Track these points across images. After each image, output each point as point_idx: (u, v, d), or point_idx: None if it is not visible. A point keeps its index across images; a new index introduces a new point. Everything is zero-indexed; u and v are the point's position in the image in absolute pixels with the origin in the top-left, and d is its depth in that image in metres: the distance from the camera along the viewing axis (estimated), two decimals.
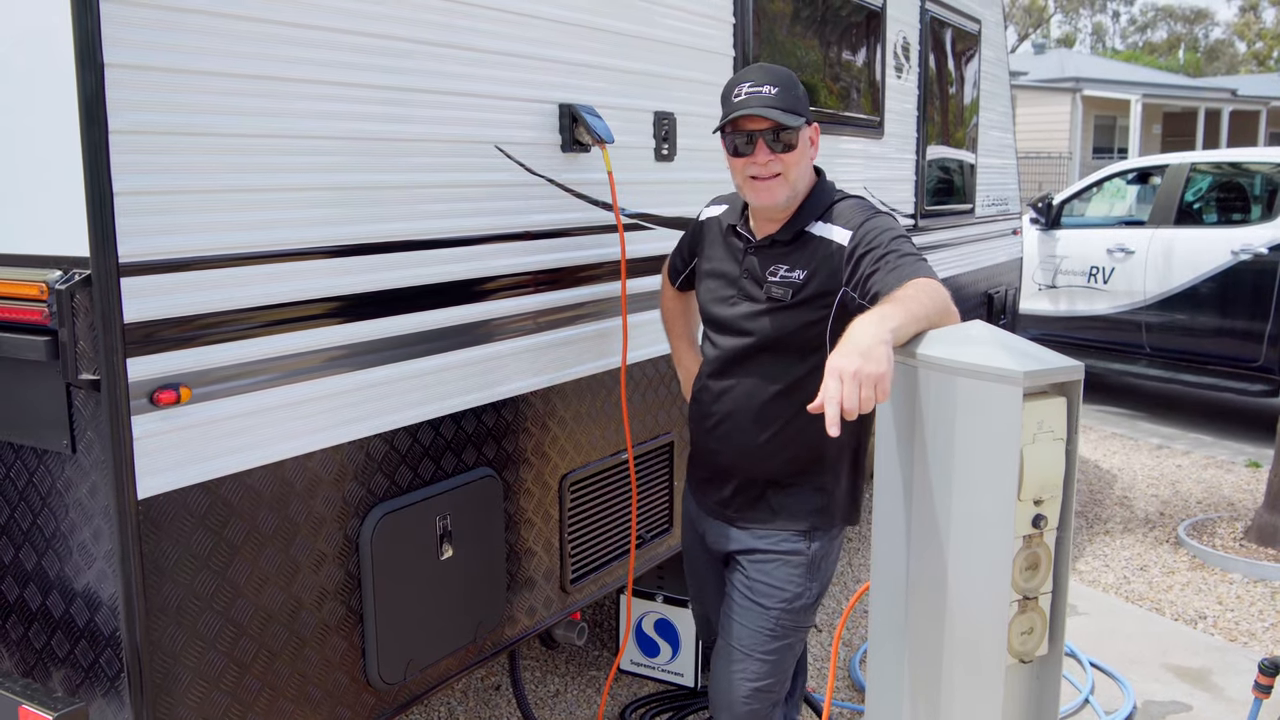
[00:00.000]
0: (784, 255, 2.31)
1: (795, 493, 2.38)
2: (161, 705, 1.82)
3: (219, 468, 1.88)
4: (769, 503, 2.39)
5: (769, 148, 2.23)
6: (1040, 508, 1.83)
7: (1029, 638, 1.88)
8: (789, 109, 2.23)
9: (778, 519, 2.39)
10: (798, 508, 2.38)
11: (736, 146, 2.27)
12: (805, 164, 2.31)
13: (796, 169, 2.27)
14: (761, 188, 2.27)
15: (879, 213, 2.30)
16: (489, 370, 2.47)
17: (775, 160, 2.24)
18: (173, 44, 1.74)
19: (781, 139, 2.23)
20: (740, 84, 2.26)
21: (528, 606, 2.69)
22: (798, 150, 2.26)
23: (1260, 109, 26.91)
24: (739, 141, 2.26)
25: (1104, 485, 6.42)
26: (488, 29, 2.40)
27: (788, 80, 2.27)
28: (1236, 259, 7.11)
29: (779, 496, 2.39)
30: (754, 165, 2.25)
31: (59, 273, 1.71)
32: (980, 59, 5.78)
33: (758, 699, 2.39)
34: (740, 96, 2.24)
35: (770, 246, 2.33)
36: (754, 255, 2.35)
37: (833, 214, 2.30)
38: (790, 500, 2.38)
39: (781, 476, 2.38)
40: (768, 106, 2.20)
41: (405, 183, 2.22)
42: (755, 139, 2.23)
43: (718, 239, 2.47)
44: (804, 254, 2.29)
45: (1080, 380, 1.83)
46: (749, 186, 2.29)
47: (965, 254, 5.66)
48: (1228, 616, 4.52)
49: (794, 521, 2.38)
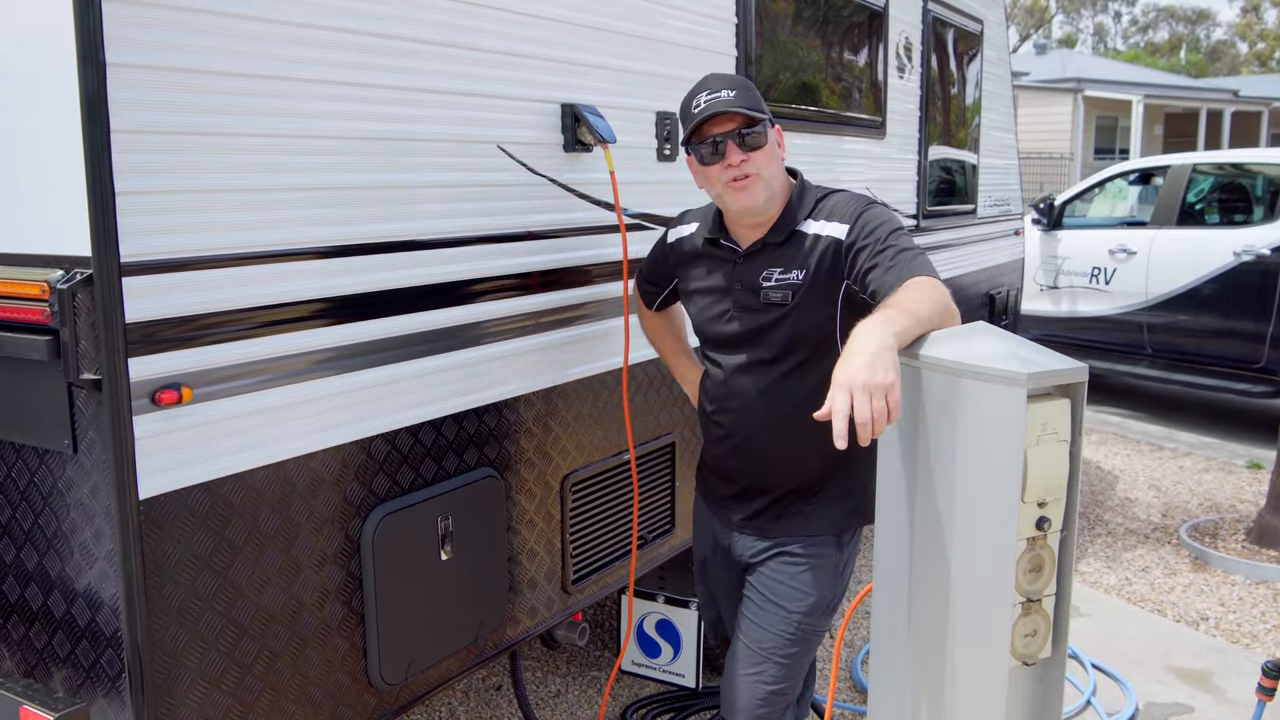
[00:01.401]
0: (777, 258, 2.27)
1: (828, 498, 2.35)
2: (163, 705, 1.82)
3: (220, 468, 1.87)
4: (801, 511, 2.35)
5: (738, 149, 2.20)
6: (1044, 510, 1.82)
7: (1032, 640, 1.88)
8: (751, 107, 2.21)
9: (811, 524, 2.35)
10: (832, 511, 2.35)
11: (703, 155, 2.24)
12: (776, 164, 2.28)
13: (769, 168, 2.24)
14: (739, 188, 2.22)
15: (873, 203, 2.27)
16: (491, 370, 2.47)
17: (747, 160, 2.21)
18: (175, 43, 1.74)
19: (748, 140, 2.20)
20: (697, 94, 2.24)
21: (529, 607, 2.69)
22: (766, 149, 2.23)
23: (1262, 110, 26.89)
24: (705, 151, 2.23)
25: (1105, 487, 6.41)
26: (490, 29, 2.39)
27: (742, 84, 2.25)
28: (1238, 260, 7.11)
29: (811, 504, 2.35)
30: (728, 169, 2.21)
31: (60, 272, 1.71)
32: (982, 59, 5.78)
33: (771, 702, 2.36)
34: (700, 105, 2.21)
35: (761, 251, 2.29)
36: (743, 264, 2.31)
37: (823, 209, 2.27)
38: (822, 506, 2.35)
39: (812, 484, 2.34)
40: (730, 106, 2.18)
41: (408, 182, 2.22)
42: (723, 144, 2.20)
43: (697, 256, 2.42)
44: (799, 254, 2.25)
45: (1084, 382, 1.83)
46: (727, 191, 2.24)
47: (967, 254, 5.65)
48: (1230, 618, 4.52)
49: (829, 526, 2.35)
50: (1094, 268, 8.06)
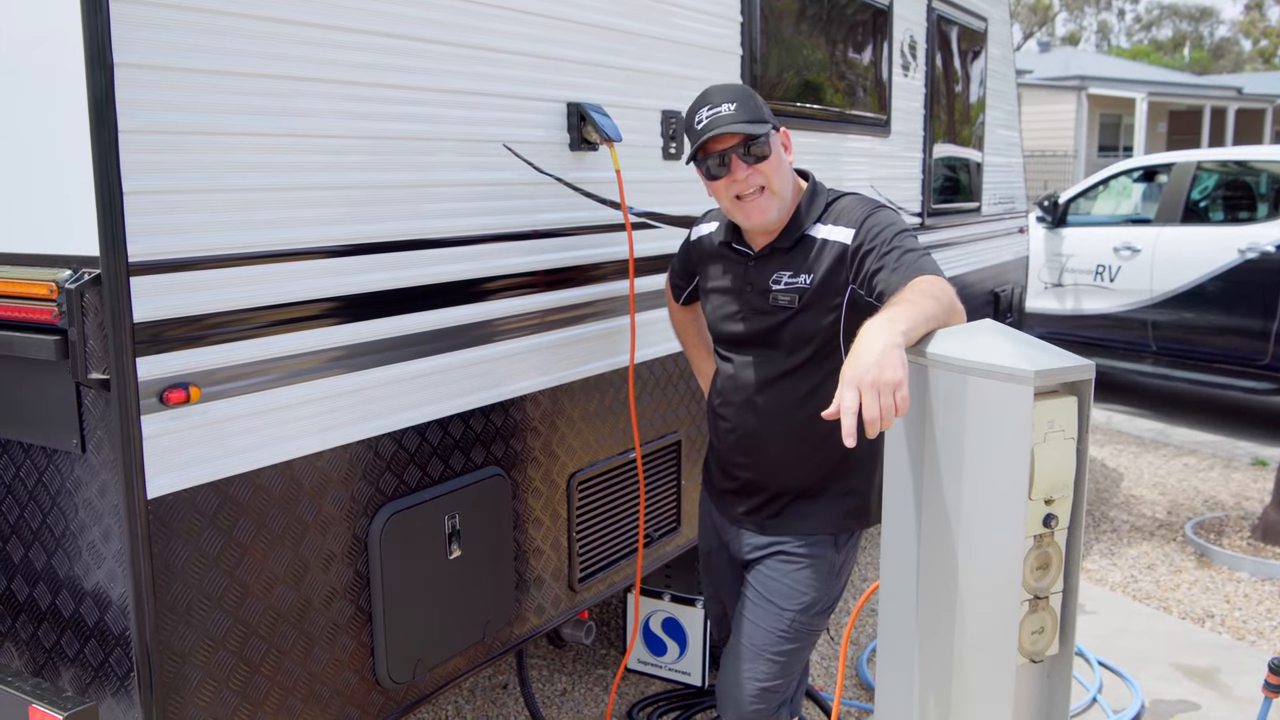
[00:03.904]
0: (786, 261, 2.29)
1: (826, 499, 2.37)
2: (171, 704, 1.82)
3: (228, 467, 1.88)
4: (800, 511, 2.37)
5: (743, 162, 2.21)
6: (1051, 507, 1.82)
7: (1040, 637, 1.88)
8: (752, 119, 2.20)
9: (808, 525, 2.37)
10: (830, 513, 2.37)
11: (711, 170, 2.24)
12: (785, 171, 2.28)
13: (777, 177, 2.24)
14: (751, 207, 2.24)
15: (880, 206, 2.28)
16: (497, 369, 2.47)
17: (754, 173, 2.21)
18: (182, 43, 1.74)
19: (753, 152, 2.20)
20: (698, 110, 2.24)
21: (536, 605, 2.69)
22: (772, 159, 2.23)
23: (1266, 107, 26.83)
24: (712, 165, 2.23)
25: (1111, 484, 6.41)
26: (496, 28, 2.39)
27: (743, 94, 2.25)
28: (1243, 257, 7.09)
29: (810, 504, 2.37)
30: (735, 184, 2.22)
31: (69, 272, 1.71)
32: (986, 57, 5.77)
33: (764, 699, 2.39)
34: (702, 122, 2.21)
35: (771, 255, 2.31)
36: (755, 267, 2.33)
37: (831, 213, 2.28)
38: (821, 507, 2.37)
39: (811, 484, 2.36)
40: (731, 123, 2.18)
41: (415, 181, 2.22)
42: (728, 158, 2.21)
43: (714, 256, 2.45)
44: (807, 258, 2.27)
45: (1091, 379, 1.82)
46: (737, 208, 2.26)
47: (972, 252, 5.65)
48: (1235, 615, 4.51)
49: (826, 527, 2.37)
50: (1098, 265, 8.05)
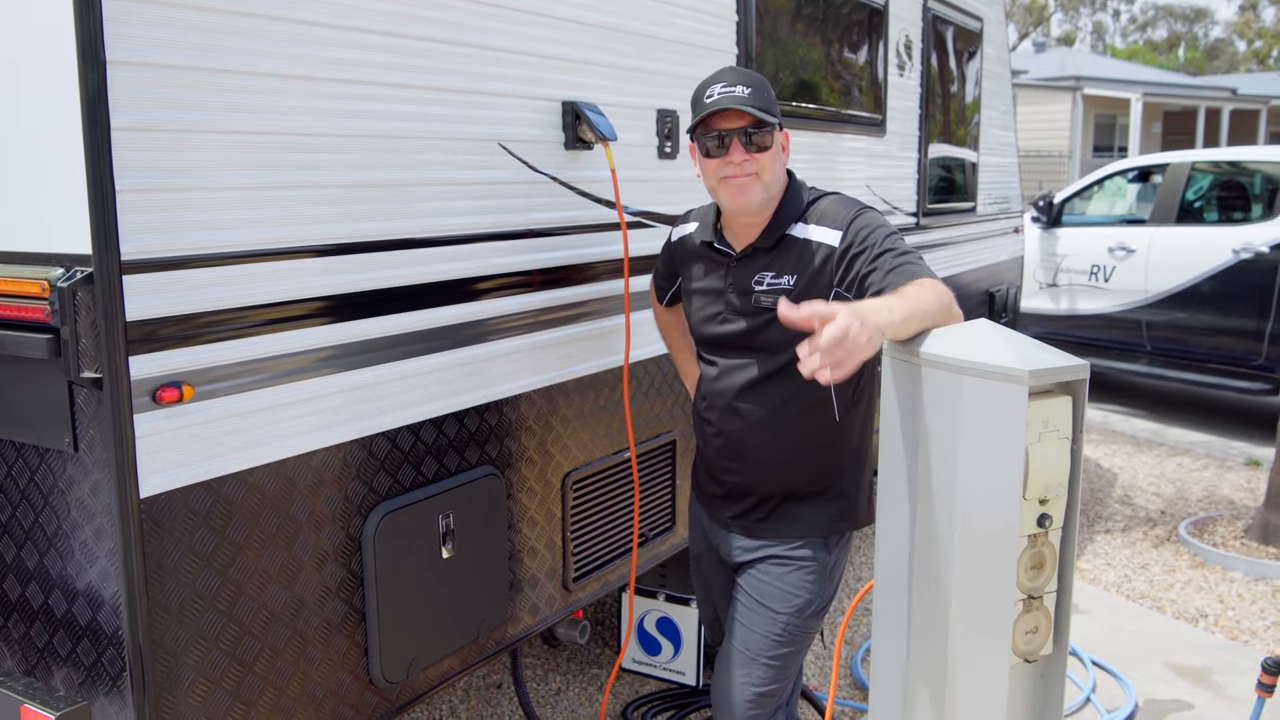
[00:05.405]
0: (768, 262, 2.27)
1: (815, 501, 2.35)
2: (164, 704, 1.82)
3: (221, 466, 1.87)
4: (788, 514, 2.36)
5: (743, 148, 2.19)
6: (1045, 507, 1.82)
7: (1034, 637, 1.88)
8: (764, 108, 2.19)
9: (798, 527, 2.36)
10: (819, 516, 2.35)
11: (709, 148, 2.22)
12: (779, 166, 2.27)
13: (771, 170, 2.23)
14: (735, 186, 2.21)
15: (865, 208, 2.26)
16: (492, 368, 2.47)
17: (750, 160, 2.19)
18: (175, 41, 1.74)
19: (755, 140, 2.19)
20: (712, 85, 2.22)
21: (530, 605, 2.69)
22: (771, 152, 2.22)
23: (1260, 108, 26.88)
24: (711, 143, 2.21)
25: (1105, 484, 6.42)
26: (491, 26, 2.39)
27: (760, 83, 2.24)
28: (1237, 257, 7.11)
29: (798, 507, 2.36)
30: (729, 165, 2.20)
31: (61, 270, 1.70)
32: (982, 57, 5.77)
33: (760, 704, 2.37)
34: (713, 96, 2.19)
35: (753, 255, 2.29)
36: (736, 268, 2.32)
37: (814, 213, 2.26)
38: (810, 509, 2.35)
39: (799, 487, 2.35)
40: (743, 104, 2.16)
41: (408, 180, 2.21)
42: (728, 139, 2.19)
43: (695, 257, 2.43)
44: (789, 258, 2.25)
45: (1085, 379, 1.83)
46: (724, 187, 2.23)
47: (967, 252, 5.65)
48: (1229, 615, 4.52)
49: (815, 529, 2.35)
50: (1093, 265, 8.07)
